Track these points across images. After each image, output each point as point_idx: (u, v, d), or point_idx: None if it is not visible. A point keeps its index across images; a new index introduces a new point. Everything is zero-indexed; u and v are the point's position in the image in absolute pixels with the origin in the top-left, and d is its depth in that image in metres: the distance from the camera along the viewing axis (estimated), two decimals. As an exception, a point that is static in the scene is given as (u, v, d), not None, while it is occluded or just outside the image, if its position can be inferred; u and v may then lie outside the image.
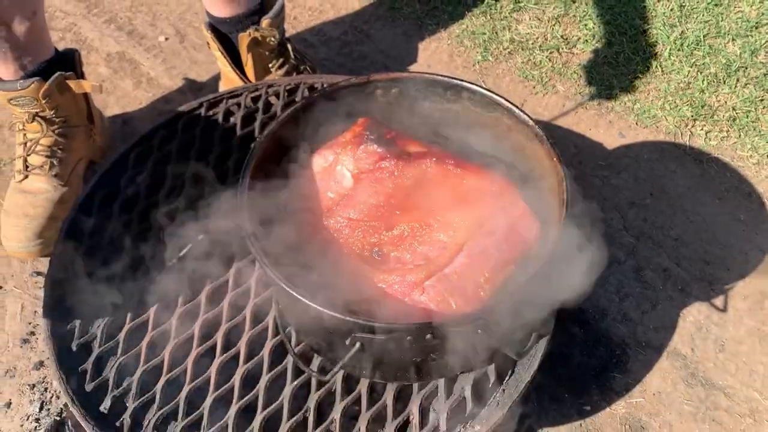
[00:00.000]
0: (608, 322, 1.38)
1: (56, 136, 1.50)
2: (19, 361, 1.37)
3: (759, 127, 1.68)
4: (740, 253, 1.49)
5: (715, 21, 1.89)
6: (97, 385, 0.98)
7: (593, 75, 1.81)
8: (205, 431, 0.92)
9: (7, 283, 1.48)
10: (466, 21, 1.97)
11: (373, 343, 0.77)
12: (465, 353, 0.85)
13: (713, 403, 1.28)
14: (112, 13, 2.07)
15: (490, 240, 0.87)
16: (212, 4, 1.60)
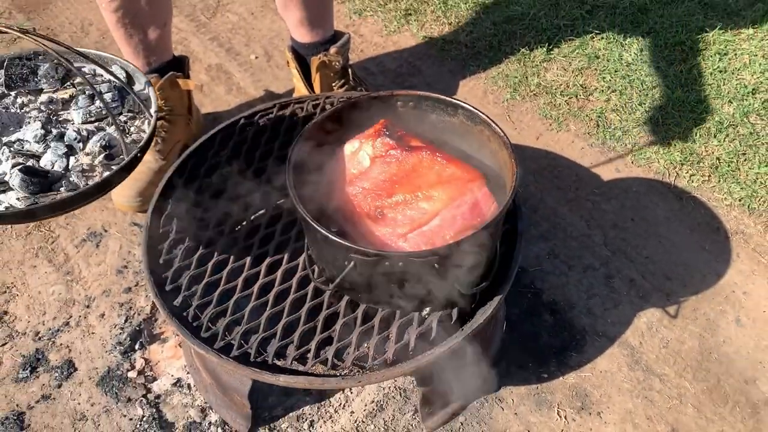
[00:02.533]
0: (574, 314, 1.69)
1: (163, 120, 1.94)
2: (114, 285, 1.79)
3: (737, 176, 1.96)
4: (699, 275, 1.77)
5: (717, 84, 2.19)
6: (174, 288, 1.37)
7: (602, 120, 2.14)
8: (242, 326, 1.30)
9: (111, 228, 1.92)
10: (502, 65, 2.34)
11: (362, 264, 1.13)
12: (430, 286, 1.20)
13: (648, 385, 1.56)
14: (216, 33, 2.55)
15: (458, 211, 1.22)
16: (297, 32, 2.02)
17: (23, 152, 1.18)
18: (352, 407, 1.53)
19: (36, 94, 1.30)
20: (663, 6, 2.48)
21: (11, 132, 1.23)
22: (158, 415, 1.53)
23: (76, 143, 1.21)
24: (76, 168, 1.18)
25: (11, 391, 1.58)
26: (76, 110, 1.26)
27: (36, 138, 1.20)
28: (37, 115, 1.25)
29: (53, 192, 1.15)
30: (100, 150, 1.20)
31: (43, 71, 1.29)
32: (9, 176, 1.14)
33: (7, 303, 1.75)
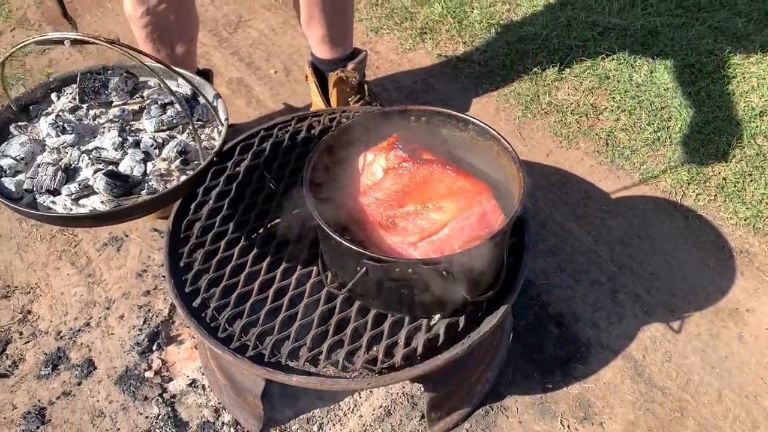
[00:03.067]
0: (580, 326, 1.73)
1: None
2: (133, 288, 1.86)
3: (743, 196, 1.99)
4: (703, 292, 1.80)
5: (725, 107, 2.23)
6: (193, 290, 1.43)
7: (611, 138, 2.19)
8: (258, 328, 1.35)
9: (132, 233, 1.99)
10: (514, 84, 2.40)
11: (373, 270, 1.18)
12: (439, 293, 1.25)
13: (651, 398, 1.60)
14: (237, 47, 2.64)
15: (467, 222, 1.27)
16: (317, 48, 2.09)
17: (102, 159, 1.26)
18: (360, 411, 1.58)
19: (107, 106, 1.38)
20: (673, 29, 2.53)
21: (87, 141, 1.31)
22: (173, 414, 1.58)
23: (152, 149, 1.29)
24: (155, 172, 1.26)
25: (33, 386, 1.64)
26: (148, 120, 1.34)
27: (114, 145, 1.27)
28: (110, 125, 1.33)
29: (134, 195, 1.23)
30: (176, 156, 1.27)
31: (113, 84, 1.37)
32: (94, 180, 1.22)
33: (31, 303, 1.82)
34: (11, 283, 1.86)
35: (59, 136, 1.29)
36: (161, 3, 1.76)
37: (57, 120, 1.30)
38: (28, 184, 1.22)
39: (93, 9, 2.84)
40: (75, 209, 1.22)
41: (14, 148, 1.26)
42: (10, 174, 1.24)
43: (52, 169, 1.22)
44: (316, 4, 1.92)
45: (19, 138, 1.28)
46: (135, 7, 1.76)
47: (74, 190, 1.22)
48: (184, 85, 1.41)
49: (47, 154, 1.27)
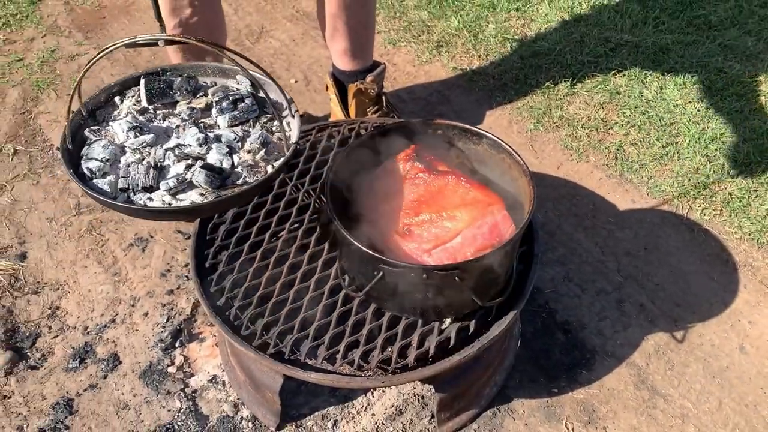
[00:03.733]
0: (586, 334, 1.79)
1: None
2: (157, 287, 1.94)
3: (748, 212, 2.05)
4: (707, 304, 1.86)
5: (732, 124, 2.29)
6: (217, 290, 1.51)
7: (620, 152, 2.25)
8: (278, 327, 1.43)
9: (156, 234, 2.08)
10: (527, 97, 2.47)
11: (390, 274, 1.26)
12: (451, 297, 1.32)
13: (653, 404, 1.66)
14: (259, 57, 2.73)
15: (479, 231, 1.35)
16: (339, 60, 2.17)
17: (189, 155, 1.30)
18: (373, 410, 1.65)
19: (172, 106, 1.43)
20: (684, 47, 2.60)
21: (166, 139, 1.36)
22: (194, 408, 1.66)
23: (235, 143, 1.34)
24: (243, 164, 1.31)
25: (62, 379, 1.73)
26: (221, 116, 1.39)
27: (198, 141, 1.32)
28: (181, 123, 1.38)
29: (228, 186, 1.27)
30: (259, 147, 1.33)
31: (177, 85, 1.43)
32: (192, 174, 1.26)
33: (60, 299, 1.91)
34: (41, 280, 1.95)
35: (137, 137, 1.33)
36: (193, 16, 1.84)
37: (134, 121, 1.35)
38: (122, 183, 1.26)
39: (121, 17, 2.94)
40: (174, 203, 1.25)
41: (97, 151, 1.30)
42: (99, 176, 1.28)
43: (144, 168, 1.26)
44: (340, 18, 2.00)
45: (100, 141, 1.33)
46: (168, 20, 1.85)
47: (172, 184, 1.25)
48: (243, 82, 1.47)
49: (130, 154, 1.31)
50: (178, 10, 1.84)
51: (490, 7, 2.84)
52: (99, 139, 1.34)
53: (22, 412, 1.66)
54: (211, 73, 1.50)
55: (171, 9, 1.83)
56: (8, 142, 2.34)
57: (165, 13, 1.85)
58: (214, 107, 1.42)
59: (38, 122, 2.43)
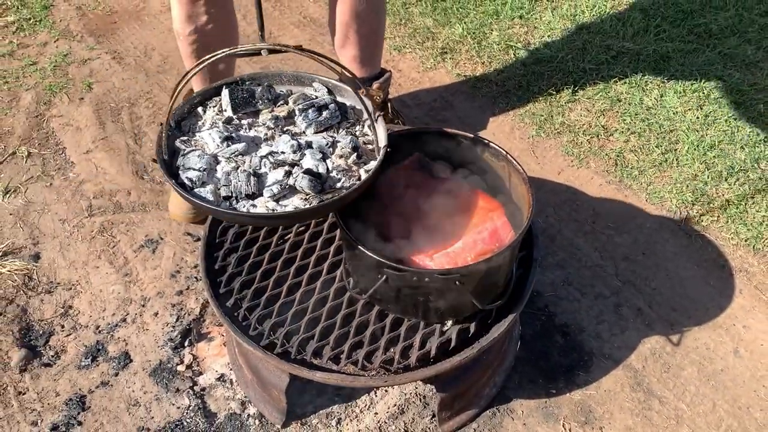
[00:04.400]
0: (584, 337, 1.84)
1: (219, 142, 2.15)
2: (167, 288, 1.99)
3: (745, 218, 2.09)
4: (703, 308, 1.90)
5: (731, 131, 2.34)
6: (227, 291, 1.56)
7: (620, 159, 2.30)
8: (285, 328, 1.48)
9: (166, 236, 2.13)
10: (529, 104, 2.52)
11: (393, 278, 1.31)
12: (452, 300, 1.37)
13: (648, 406, 1.70)
14: (267, 62, 2.78)
15: (479, 236, 1.40)
16: (348, 66, 2.21)
17: (284, 162, 1.34)
18: (376, 409, 1.70)
19: (254, 115, 1.47)
20: (684, 55, 2.64)
21: (256, 148, 1.40)
22: (203, 406, 1.71)
23: (327, 149, 1.38)
24: (337, 169, 1.35)
25: (74, 376, 1.78)
26: (307, 122, 1.42)
27: (293, 148, 1.35)
28: (267, 131, 1.41)
29: (328, 191, 1.31)
30: (350, 152, 1.37)
31: (259, 94, 1.47)
32: (295, 180, 1.30)
33: (72, 299, 1.96)
34: (54, 280, 2.01)
35: (229, 146, 1.37)
36: (209, 23, 1.90)
37: (225, 131, 1.39)
38: (225, 191, 1.30)
39: (131, 22, 2.99)
40: (278, 209, 1.29)
41: (193, 161, 1.33)
42: (199, 185, 1.31)
43: (244, 175, 1.29)
44: (351, 27, 2.05)
45: (194, 151, 1.35)
46: (184, 26, 1.90)
47: (276, 191, 1.29)
48: (320, 89, 1.51)
49: (225, 163, 1.35)
50: (194, 17, 1.89)
51: (494, 15, 2.89)
52: (194, 149, 1.36)
53: (36, 407, 1.71)
54: (286, 82, 1.54)
55: (187, 16, 1.88)
56: (22, 145, 2.40)
57: (181, 20, 1.89)
58: (298, 115, 1.44)
59: (51, 125, 2.49)
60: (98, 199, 2.23)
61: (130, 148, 2.40)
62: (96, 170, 2.32)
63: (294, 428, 1.66)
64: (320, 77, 1.53)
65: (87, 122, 2.49)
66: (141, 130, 2.47)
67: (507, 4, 2.93)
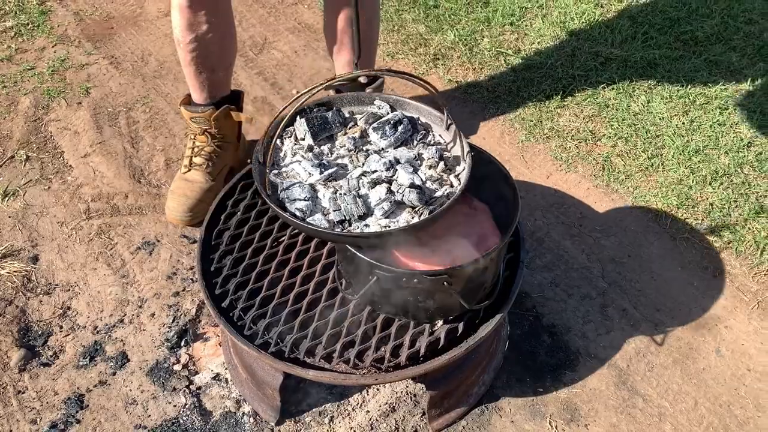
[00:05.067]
0: (570, 336, 1.89)
1: (215, 146, 2.20)
2: (164, 289, 2.03)
3: (728, 222, 2.15)
4: (686, 309, 1.96)
5: (715, 136, 2.39)
6: (222, 292, 1.60)
7: (608, 163, 2.35)
8: (279, 327, 1.53)
9: (163, 239, 2.17)
10: (519, 109, 2.57)
11: (383, 279, 1.35)
12: (440, 301, 1.42)
13: (632, 404, 1.75)
14: (262, 68, 2.83)
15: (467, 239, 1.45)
16: (343, 71, 2.26)
17: (382, 180, 1.38)
18: (368, 407, 1.74)
19: (330, 139, 1.51)
20: (671, 62, 2.70)
21: (346, 170, 1.43)
22: (198, 404, 1.75)
23: (415, 162, 1.43)
24: (431, 179, 1.40)
25: (73, 375, 1.82)
26: (385, 139, 1.46)
27: (385, 166, 1.40)
28: (347, 153, 1.44)
29: (433, 201, 1.36)
30: (437, 161, 1.43)
31: (331, 118, 1.50)
32: (402, 195, 1.34)
33: (71, 300, 2.00)
34: (52, 281, 2.04)
35: (322, 172, 1.40)
36: (209, 32, 1.94)
37: (315, 159, 1.42)
38: (337, 216, 1.33)
39: (128, 27, 3.04)
40: (391, 225, 1.33)
41: (297, 192, 1.36)
42: (309, 214, 1.35)
43: (351, 198, 1.34)
44: (346, 33, 2.10)
45: (294, 183, 1.39)
46: (185, 34, 1.94)
47: (387, 207, 1.33)
48: (383, 106, 1.54)
49: (324, 190, 1.39)
50: (195, 26, 1.93)
51: (485, 22, 2.95)
52: (293, 181, 1.39)
53: (35, 406, 1.75)
54: (347, 103, 1.58)
55: (188, 24, 1.93)
56: (21, 149, 2.44)
57: (182, 28, 1.94)
58: (372, 133, 1.48)
59: (49, 129, 2.53)
60: (96, 202, 2.27)
61: (127, 152, 2.44)
62: (94, 174, 2.36)
63: (288, 426, 1.70)
64: (380, 95, 1.56)
65: (85, 126, 2.53)
66: (138, 134, 2.51)
67: (498, 12, 2.99)
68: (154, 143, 2.47)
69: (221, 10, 1.98)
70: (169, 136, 2.50)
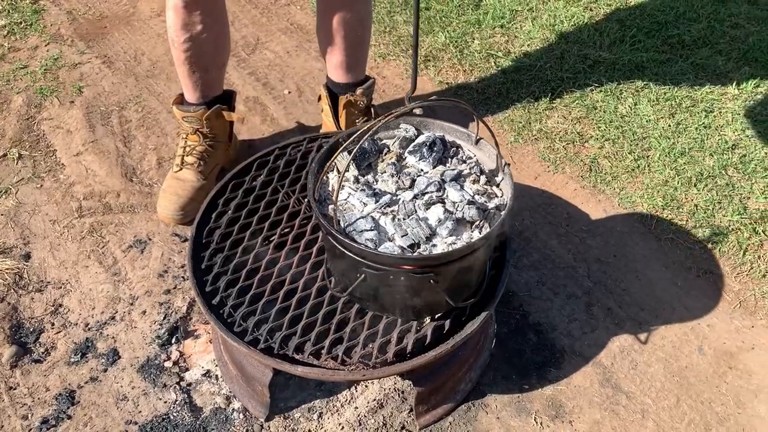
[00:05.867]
0: (556, 335, 1.92)
1: (206, 146, 2.22)
2: (155, 287, 2.05)
3: (712, 222, 2.19)
4: (669, 308, 1.99)
5: (700, 139, 2.43)
6: (212, 289, 1.62)
7: (595, 165, 2.39)
8: (268, 324, 1.55)
9: (154, 237, 2.19)
10: (509, 111, 2.60)
11: (371, 277, 1.38)
12: (427, 298, 1.44)
13: (616, 401, 1.79)
14: (254, 68, 2.85)
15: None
16: (334, 72, 2.29)
17: (432, 201, 1.42)
18: (356, 403, 1.77)
19: (369, 168, 1.54)
20: (658, 65, 2.74)
21: (397, 196, 1.47)
22: (189, 400, 1.78)
23: (459, 179, 1.48)
24: (478, 193, 1.45)
25: (64, 372, 1.84)
26: (423, 161, 1.52)
27: (435, 186, 1.44)
28: (390, 178, 1.48)
29: (488, 213, 1.41)
30: (479, 175, 1.48)
31: (368, 147, 1.54)
32: (463, 212, 1.39)
33: (62, 297, 2.02)
34: (44, 279, 2.06)
35: (377, 201, 1.44)
36: (203, 32, 1.96)
37: (368, 189, 1.46)
38: (406, 241, 1.38)
39: (122, 27, 3.05)
40: (458, 243, 1.38)
41: (362, 224, 1.40)
42: (380, 243, 1.38)
43: (414, 221, 1.39)
44: (338, 34, 2.13)
45: (357, 215, 1.43)
46: (179, 34, 1.96)
47: (451, 226, 1.38)
48: (409, 129, 1.59)
49: (384, 217, 1.43)
50: (190, 26, 1.95)
51: (475, 24, 2.98)
52: (350, 214, 1.43)
53: (27, 402, 1.77)
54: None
55: (183, 24, 1.95)
56: (13, 147, 2.46)
57: (176, 28, 1.96)
58: (408, 156, 1.54)
59: (42, 128, 2.54)
60: (88, 200, 2.28)
61: (119, 150, 2.46)
62: (86, 172, 2.38)
63: (277, 422, 1.73)
64: (406, 120, 1.61)
65: (77, 125, 2.54)
66: (130, 133, 2.53)
67: (489, 14, 3.02)
68: (146, 142, 2.49)
69: (216, 10, 2.01)
70: (161, 135, 2.52)
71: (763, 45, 2.81)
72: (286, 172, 1.90)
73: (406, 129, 1.60)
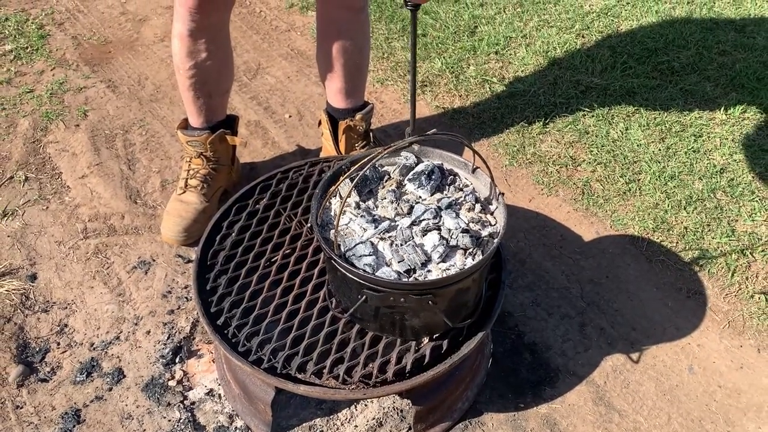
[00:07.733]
0: (551, 354, 1.97)
1: (210, 169, 2.28)
2: (159, 307, 2.10)
3: (701, 245, 2.25)
4: (660, 328, 2.05)
5: (690, 163, 2.50)
6: (217, 310, 1.67)
7: (587, 188, 2.45)
8: (271, 344, 1.60)
9: (158, 258, 2.24)
10: (503, 135, 2.67)
11: (372, 298, 1.43)
12: (425, 319, 1.50)
13: (609, 419, 1.83)
14: (256, 93, 2.92)
15: (451, 260, 1.54)
16: (333, 98, 2.36)
17: (429, 228, 1.48)
18: (356, 422, 1.81)
19: (370, 194, 1.60)
20: (649, 90, 2.82)
21: (396, 222, 1.51)
22: (192, 419, 1.82)
23: (455, 207, 1.54)
24: (472, 221, 1.51)
25: (70, 391, 1.88)
26: (422, 189, 1.57)
27: (432, 214, 1.50)
28: (390, 205, 1.53)
29: (481, 241, 1.47)
30: (474, 203, 1.54)
31: (370, 174, 1.60)
32: (457, 240, 1.45)
33: (68, 317, 2.06)
34: (50, 299, 2.11)
35: (376, 227, 1.49)
36: (208, 60, 2.03)
37: (368, 215, 1.52)
38: (402, 266, 1.42)
39: (125, 52, 3.13)
40: (451, 270, 1.43)
41: (361, 249, 1.45)
42: (377, 268, 1.43)
43: (410, 248, 1.44)
44: (338, 61, 2.20)
45: (357, 240, 1.48)
46: (185, 61, 2.03)
47: (442, 251, 1.44)
48: (410, 157, 1.65)
49: (382, 243, 1.48)
50: (195, 54, 2.02)
51: (471, 50, 3.06)
52: (350, 239, 1.49)
53: (33, 421, 1.80)
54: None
55: (188, 52, 2.02)
56: (20, 170, 2.51)
57: (182, 56, 2.03)
58: (408, 184, 1.60)
59: (48, 151, 2.60)
60: (93, 222, 2.34)
61: (123, 173, 2.51)
62: (91, 194, 2.43)
63: (279, 440, 1.77)
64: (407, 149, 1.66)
65: (82, 148, 2.60)
66: (134, 156, 2.59)
67: (484, 41, 3.10)
68: (150, 165, 2.55)
69: (220, 38, 2.08)
70: (164, 158, 2.58)
71: (750, 72, 2.90)
72: (289, 195, 1.96)
73: (407, 157, 1.66)
